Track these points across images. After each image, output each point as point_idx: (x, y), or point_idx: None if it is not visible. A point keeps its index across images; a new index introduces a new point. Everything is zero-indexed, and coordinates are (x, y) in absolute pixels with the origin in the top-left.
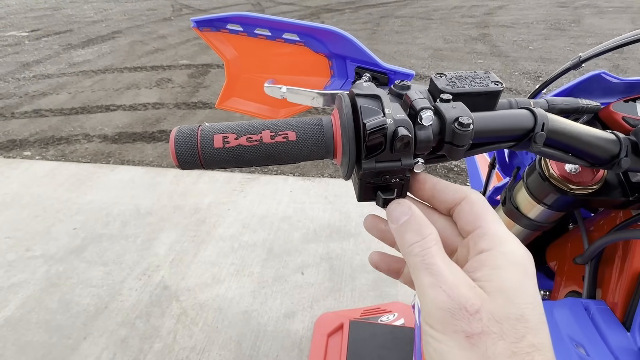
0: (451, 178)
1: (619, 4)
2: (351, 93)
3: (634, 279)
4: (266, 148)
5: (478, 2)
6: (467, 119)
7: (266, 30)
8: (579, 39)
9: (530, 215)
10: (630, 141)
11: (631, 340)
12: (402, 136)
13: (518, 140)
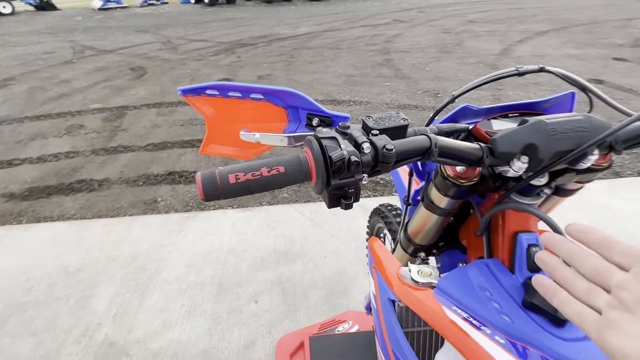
0: (378, 191)
1: (488, 29)
2: (316, 137)
3: (511, 237)
4: (265, 180)
5: (378, 32)
6: (390, 146)
7: (237, 92)
8: (463, 59)
9: (442, 205)
10: (488, 147)
11: (515, 279)
12: (354, 161)
13: (422, 155)
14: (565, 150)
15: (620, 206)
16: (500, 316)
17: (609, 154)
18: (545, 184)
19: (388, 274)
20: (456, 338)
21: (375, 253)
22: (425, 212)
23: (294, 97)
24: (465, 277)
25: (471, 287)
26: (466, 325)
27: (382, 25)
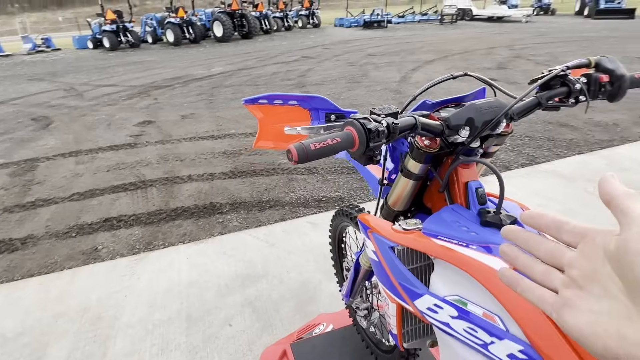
0: (322, 207)
1: (387, 61)
2: (355, 118)
3: (464, 186)
4: (331, 146)
5: (290, 68)
6: (396, 122)
7: (280, 100)
8: (371, 87)
9: (416, 171)
10: (445, 123)
11: (472, 211)
12: (381, 130)
13: (411, 129)
14: (489, 120)
15: (513, 192)
16: (470, 234)
17: (510, 123)
18: (478, 147)
19: (384, 230)
20: (445, 255)
21: (369, 221)
22: (404, 180)
23: (319, 100)
24: (440, 218)
25: (446, 222)
26: (450, 244)
27: (294, 62)
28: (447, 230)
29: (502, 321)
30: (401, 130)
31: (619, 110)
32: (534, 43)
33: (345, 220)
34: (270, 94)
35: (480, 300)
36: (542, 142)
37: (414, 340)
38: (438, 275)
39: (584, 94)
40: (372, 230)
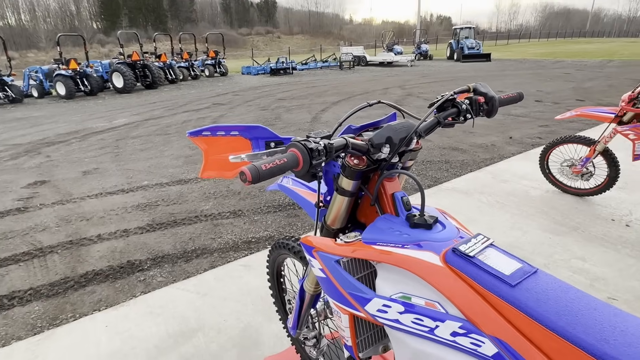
0: (252, 249)
1: (296, 104)
2: (297, 141)
3: (391, 197)
4: (278, 167)
5: (202, 115)
6: (330, 142)
7: (222, 131)
8: (285, 128)
9: (350, 188)
10: (370, 143)
11: (401, 218)
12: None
13: (344, 149)
14: (404, 137)
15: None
16: (403, 236)
17: (419, 140)
18: (397, 162)
19: (328, 247)
20: (386, 258)
21: (312, 241)
22: (340, 198)
23: (259, 129)
24: (376, 227)
25: (381, 230)
26: (388, 248)
27: (204, 109)
28: (384, 236)
29: (442, 306)
30: (336, 149)
31: (494, 134)
32: (420, 83)
33: (283, 252)
34: (213, 125)
35: (421, 292)
36: (440, 165)
37: (368, 349)
38: (382, 279)
39: (469, 112)
40: (316, 249)
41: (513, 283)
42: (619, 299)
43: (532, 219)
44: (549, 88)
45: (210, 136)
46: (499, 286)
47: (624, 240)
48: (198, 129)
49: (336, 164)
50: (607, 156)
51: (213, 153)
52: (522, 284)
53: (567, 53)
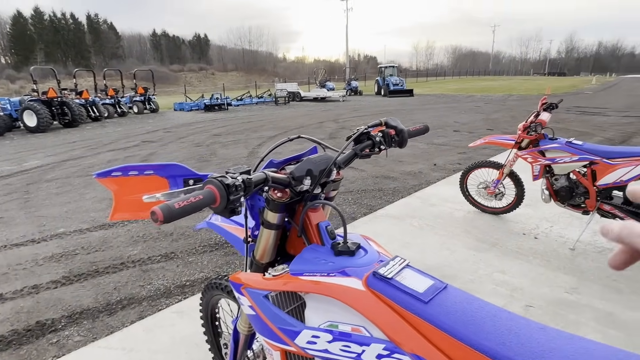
0: (182, 294)
1: (232, 139)
2: (214, 177)
3: (316, 227)
4: (193, 204)
5: (130, 154)
6: (249, 177)
7: (135, 171)
8: (221, 164)
9: (275, 221)
10: (289, 177)
11: (326, 247)
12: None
13: (264, 182)
14: (323, 169)
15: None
16: (328, 264)
17: (339, 171)
18: (320, 192)
19: (255, 282)
20: (312, 288)
21: (240, 278)
22: (266, 232)
23: (175, 167)
24: (303, 258)
25: (308, 260)
26: (314, 278)
27: (133, 147)
28: (310, 266)
29: (367, 329)
30: (255, 184)
31: (420, 162)
32: (352, 117)
33: (216, 292)
34: (125, 165)
35: (347, 318)
36: (375, 193)
37: None
38: (311, 309)
39: (383, 144)
40: (244, 286)
41: (426, 300)
42: (535, 305)
43: (458, 238)
44: (464, 119)
45: (122, 176)
46: (414, 304)
47: (534, 252)
48: (107, 170)
49: (261, 198)
50: (513, 178)
51: (125, 194)
52: (434, 299)
53: (476, 89)
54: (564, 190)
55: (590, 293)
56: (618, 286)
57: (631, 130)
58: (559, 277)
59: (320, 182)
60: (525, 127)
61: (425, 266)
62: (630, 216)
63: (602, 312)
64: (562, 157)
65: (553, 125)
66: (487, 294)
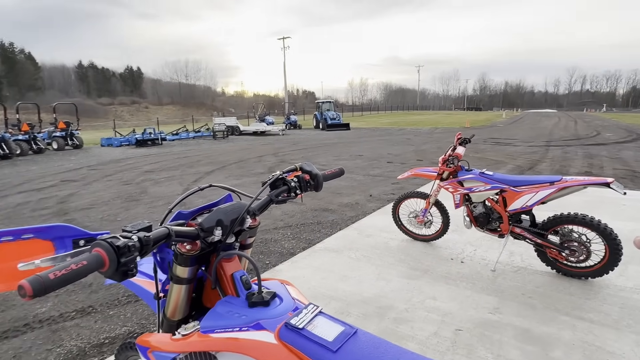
0: None
1: (166, 176)
2: (102, 239)
3: (230, 277)
4: (75, 271)
5: (45, 195)
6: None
7: (9, 236)
8: (153, 203)
9: (186, 275)
10: (200, 228)
11: (242, 298)
12: (131, 245)
13: (166, 238)
14: (235, 218)
15: (300, 275)
16: (242, 318)
17: (254, 218)
18: (234, 241)
19: (163, 344)
20: (223, 346)
21: (148, 341)
22: (176, 287)
23: (61, 228)
24: (215, 312)
25: (220, 315)
26: (226, 334)
27: (49, 188)
28: (223, 321)
29: None
30: (155, 241)
31: (357, 193)
32: (292, 150)
33: (131, 353)
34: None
35: None
36: (313, 226)
37: None
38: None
39: (298, 189)
40: (151, 349)
41: (335, 349)
42: (463, 329)
43: (393, 267)
44: (397, 151)
45: None
46: (323, 354)
47: (462, 276)
48: None
49: (170, 251)
50: (439, 206)
51: None
52: (343, 347)
53: (406, 122)
54: (481, 216)
55: (510, 312)
56: (532, 302)
57: (536, 158)
58: (482, 298)
59: (233, 231)
60: (444, 160)
61: (363, 298)
62: (536, 237)
63: (520, 329)
64: (477, 187)
65: (473, 155)
66: (421, 320)
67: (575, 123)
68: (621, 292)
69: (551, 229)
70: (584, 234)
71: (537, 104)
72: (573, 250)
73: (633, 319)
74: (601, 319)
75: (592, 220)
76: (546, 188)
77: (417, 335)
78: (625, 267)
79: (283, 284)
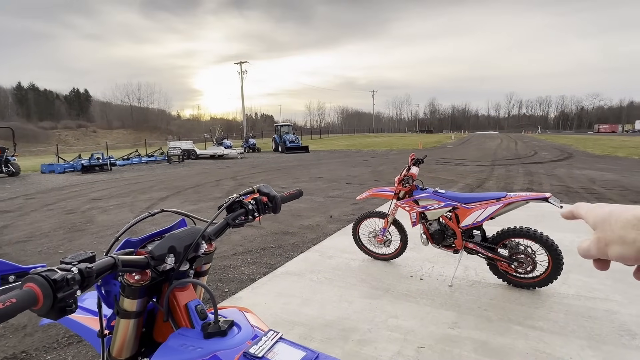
0: None
1: (115, 203)
2: (36, 273)
3: (184, 308)
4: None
5: None
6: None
7: None
8: (100, 232)
9: (134, 309)
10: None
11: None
12: (70, 277)
13: (112, 268)
14: (189, 244)
15: (262, 300)
16: (196, 350)
17: (210, 243)
18: (188, 269)
19: None
20: None
21: None
22: (123, 323)
23: None
24: (167, 347)
25: (173, 349)
26: None
27: None
28: (176, 356)
29: None
30: (99, 272)
31: (317, 215)
32: (251, 173)
33: None
34: None
35: None
36: (274, 250)
37: None
38: None
39: (256, 212)
40: None
41: None
42: (425, 346)
43: (355, 288)
44: (355, 172)
45: None
46: None
47: (421, 292)
48: None
49: (117, 282)
50: (397, 225)
51: None
52: None
53: (363, 144)
54: (437, 233)
55: (468, 325)
56: (488, 315)
57: (483, 176)
58: (442, 313)
59: (187, 257)
60: (400, 180)
61: (326, 322)
62: (487, 251)
63: (478, 342)
64: (432, 205)
65: (427, 175)
66: (384, 340)
67: (516, 144)
68: (565, 299)
69: (500, 243)
70: (529, 246)
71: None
72: (520, 261)
73: (576, 324)
74: (549, 326)
75: (535, 233)
76: (494, 204)
77: (380, 356)
78: (567, 275)
79: (241, 312)
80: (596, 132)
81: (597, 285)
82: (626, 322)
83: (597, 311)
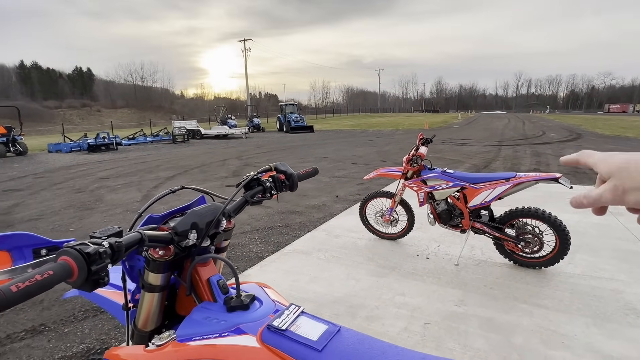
0: None
1: (123, 182)
2: (69, 246)
3: (207, 282)
4: (40, 282)
5: None
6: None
7: None
8: (109, 211)
9: (159, 282)
10: (174, 232)
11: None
12: (103, 251)
13: (139, 243)
14: (210, 221)
15: (272, 278)
16: (220, 323)
17: (229, 220)
18: (209, 245)
19: (136, 357)
20: (202, 354)
21: (118, 355)
22: (148, 296)
23: (20, 237)
24: (192, 319)
25: (197, 322)
26: (205, 341)
27: None
28: (200, 328)
29: None
30: (127, 247)
31: (324, 195)
32: (256, 153)
33: None
34: None
35: None
36: (281, 229)
37: None
38: None
39: (273, 189)
40: None
41: (320, 348)
42: (432, 322)
43: (362, 266)
44: (360, 152)
45: None
46: (309, 354)
47: (428, 271)
48: None
49: (141, 257)
50: (404, 205)
51: None
52: (328, 346)
53: (368, 124)
54: (444, 213)
55: (474, 303)
56: (494, 293)
57: (490, 157)
58: (448, 291)
59: (209, 234)
60: (408, 160)
61: (334, 298)
62: (494, 231)
63: (484, 319)
64: (440, 185)
65: (433, 155)
66: (391, 317)
67: (524, 124)
68: (570, 278)
69: (508, 223)
70: (536, 226)
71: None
72: (528, 241)
73: (582, 303)
74: (555, 304)
75: (543, 213)
76: (502, 184)
77: (388, 332)
78: (573, 255)
79: (261, 287)
80: (606, 112)
81: (603, 265)
82: (631, 301)
83: (602, 290)
